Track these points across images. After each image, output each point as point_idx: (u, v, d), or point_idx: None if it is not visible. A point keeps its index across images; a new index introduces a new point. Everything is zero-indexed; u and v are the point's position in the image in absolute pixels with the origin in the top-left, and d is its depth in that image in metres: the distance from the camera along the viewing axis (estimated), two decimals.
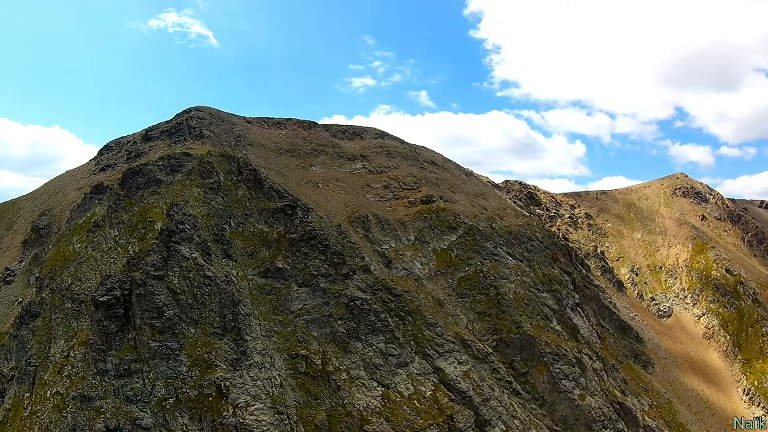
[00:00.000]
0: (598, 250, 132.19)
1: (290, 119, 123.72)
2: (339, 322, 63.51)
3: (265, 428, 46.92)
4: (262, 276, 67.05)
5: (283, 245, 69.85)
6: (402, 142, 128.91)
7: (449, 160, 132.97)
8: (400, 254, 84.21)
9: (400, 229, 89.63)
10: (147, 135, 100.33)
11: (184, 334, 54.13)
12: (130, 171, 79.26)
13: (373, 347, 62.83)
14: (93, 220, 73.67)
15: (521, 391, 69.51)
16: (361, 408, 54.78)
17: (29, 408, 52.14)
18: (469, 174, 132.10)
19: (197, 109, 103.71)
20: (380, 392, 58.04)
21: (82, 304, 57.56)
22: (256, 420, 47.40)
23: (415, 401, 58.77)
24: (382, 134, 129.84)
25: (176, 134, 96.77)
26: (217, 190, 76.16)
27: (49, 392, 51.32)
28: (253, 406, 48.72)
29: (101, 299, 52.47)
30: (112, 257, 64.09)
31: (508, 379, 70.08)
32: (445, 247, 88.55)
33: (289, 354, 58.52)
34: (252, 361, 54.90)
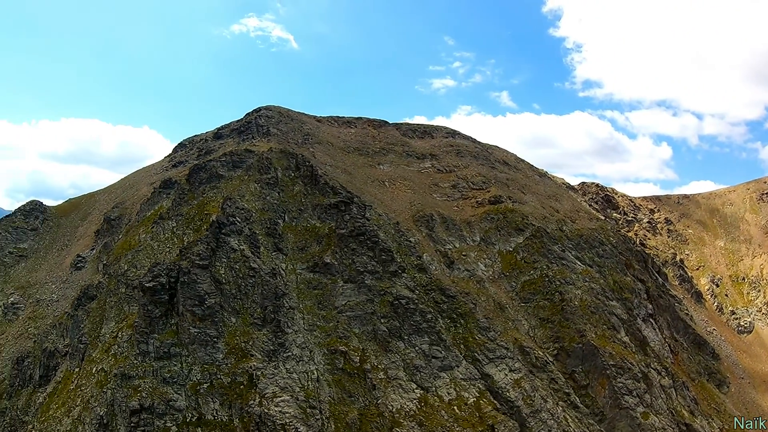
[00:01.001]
0: (677, 258, 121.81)
1: (360, 118, 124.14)
2: (382, 321, 62.06)
3: (288, 420, 46.33)
4: (310, 270, 67.06)
5: (332, 241, 69.55)
6: (473, 141, 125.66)
7: (522, 160, 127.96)
8: (464, 255, 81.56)
9: (465, 229, 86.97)
10: (218, 133, 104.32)
11: (224, 322, 55.03)
12: (196, 167, 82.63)
13: (416, 348, 60.78)
14: (159, 213, 77.21)
15: (579, 405, 64.69)
16: (394, 410, 52.94)
17: (76, 382, 55.32)
18: (543, 175, 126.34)
19: (266, 108, 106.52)
20: (418, 395, 55.90)
21: (135, 289, 60.18)
22: (280, 411, 46.95)
23: (455, 407, 56.04)
24: (453, 133, 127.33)
25: (245, 132, 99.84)
26: (273, 185, 77.35)
27: (94, 369, 54.14)
28: (280, 397, 48.36)
29: (148, 285, 54.58)
30: (168, 247, 66.69)
31: (567, 390, 65.51)
32: (511, 249, 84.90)
33: (328, 349, 57.88)
34: (290, 354, 54.76)
